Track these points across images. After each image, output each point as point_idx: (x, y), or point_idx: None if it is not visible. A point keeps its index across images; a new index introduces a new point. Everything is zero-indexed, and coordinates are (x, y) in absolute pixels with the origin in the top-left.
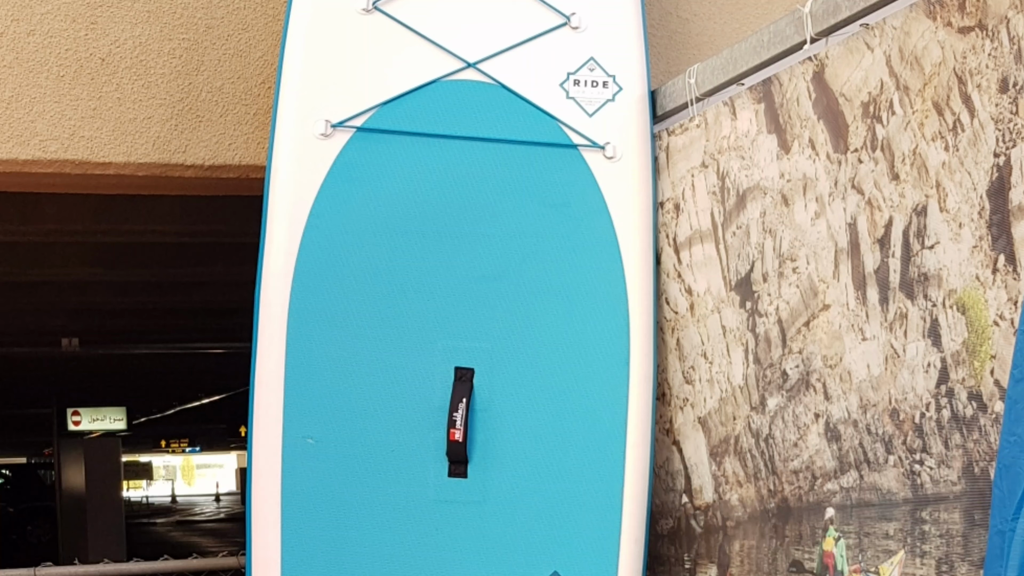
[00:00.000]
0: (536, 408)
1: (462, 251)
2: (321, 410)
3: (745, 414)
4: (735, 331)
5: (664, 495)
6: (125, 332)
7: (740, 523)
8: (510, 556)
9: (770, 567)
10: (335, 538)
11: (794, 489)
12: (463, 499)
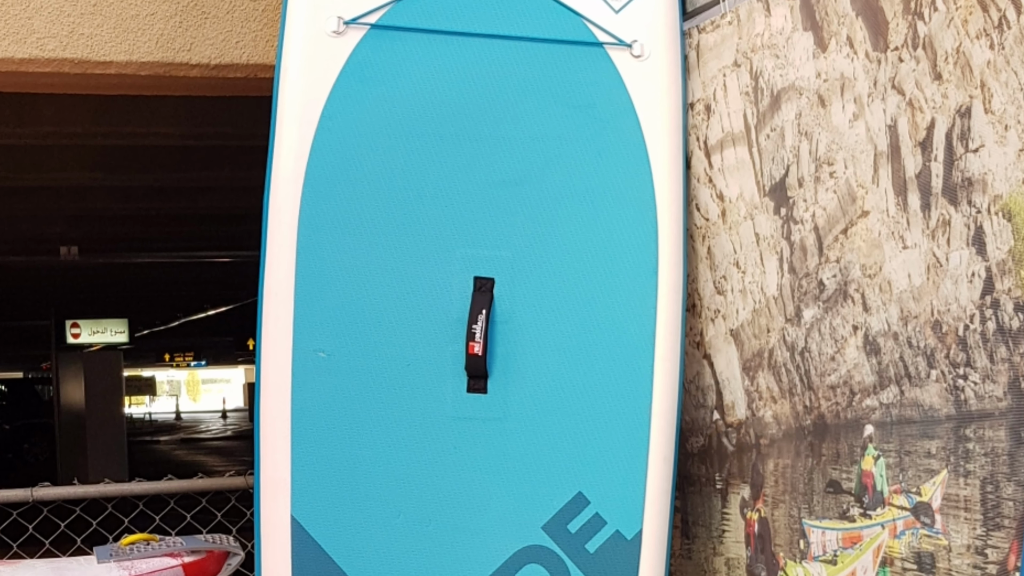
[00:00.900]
0: (559, 320)
1: (481, 155)
2: (333, 322)
3: (779, 326)
4: (769, 239)
5: (694, 411)
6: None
7: (774, 441)
8: (531, 476)
9: (806, 487)
10: (348, 457)
11: (831, 405)
12: (482, 416)
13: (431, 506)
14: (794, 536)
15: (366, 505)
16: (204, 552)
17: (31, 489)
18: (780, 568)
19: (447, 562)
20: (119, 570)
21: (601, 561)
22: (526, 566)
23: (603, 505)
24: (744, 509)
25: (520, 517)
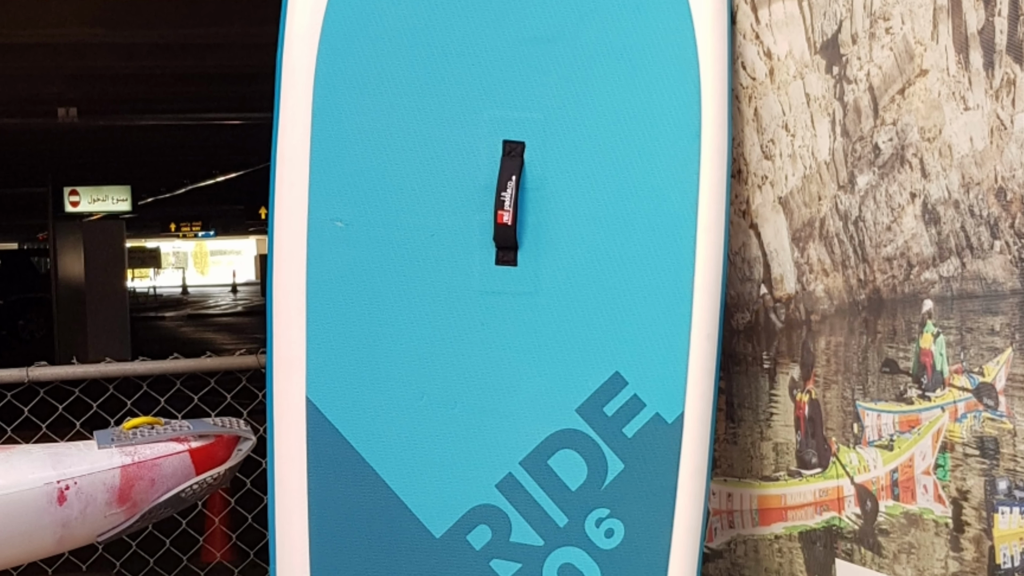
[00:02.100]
0: (595, 187)
1: (512, 9)
2: (351, 189)
3: (832, 193)
4: (820, 99)
5: (740, 285)
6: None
7: (826, 317)
8: (565, 354)
9: (860, 367)
10: (367, 335)
11: (887, 279)
12: (512, 289)
13: (456, 387)
14: (847, 419)
15: (387, 386)
16: (212, 437)
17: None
18: (832, 454)
19: (474, 447)
20: (121, 456)
21: (639, 446)
22: (559, 452)
23: (642, 386)
24: (794, 390)
25: (552, 399)
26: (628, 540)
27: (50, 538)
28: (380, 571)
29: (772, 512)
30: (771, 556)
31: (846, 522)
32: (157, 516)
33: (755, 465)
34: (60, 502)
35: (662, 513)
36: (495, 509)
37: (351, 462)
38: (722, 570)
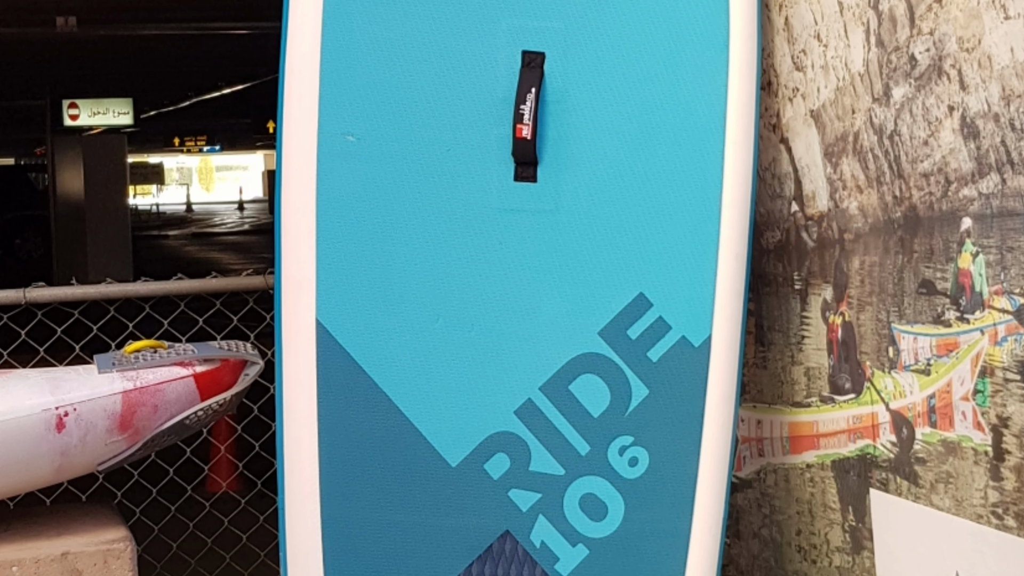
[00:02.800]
0: (618, 99)
1: None
2: (364, 102)
3: (866, 106)
4: (854, 8)
5: (770, 202)
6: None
7: (860, 236)
8: (587, 275)
9: (895, 287)
10: (380, 254)
11: (924, 195)
12: (532, 207)
13: (473, 309)
14: (882, 343)
15: (400, 308)
16: (218, 361)
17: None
18: (866, 379)
19: (491, 372)
20: (122, 381)
21: (665, 371)
22: (580, 376)
23: (667, 308)
24: (826, 312)
25: (574, 322)
26: (653, 469)
27: (48, 467)
28: (393, 501)
29: (803, 440)
30: (802, 486)
31: (881, 450)
32: (160, 444)
33: (786, 391)
34: (58, 429)
35: (688, 441)
36: (513, 437)
37: (363, 387)
38: (751, 500)
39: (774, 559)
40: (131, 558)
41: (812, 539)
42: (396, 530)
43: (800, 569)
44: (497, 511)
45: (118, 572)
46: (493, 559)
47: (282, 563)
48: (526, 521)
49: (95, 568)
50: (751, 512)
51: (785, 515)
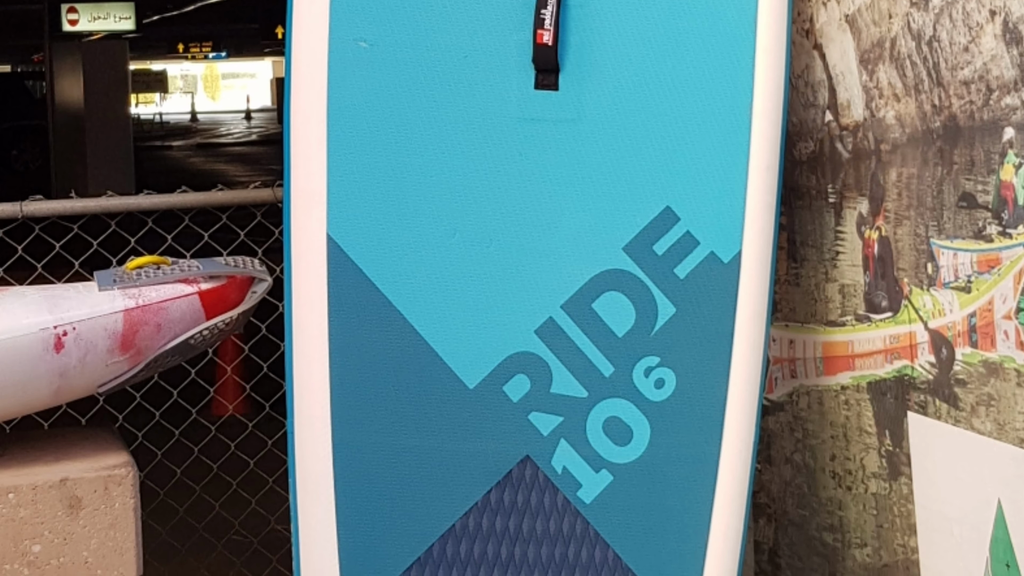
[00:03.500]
0: (643, 3)
1: None
2: (376, 5)
3: (903, 11)
4: None
5: (803, 112)
6: None
7: (897, 147)
8: (611, 187)
9: (934, 201)
10: (393, 166)
11: (964, 104)
12: (553, 116)
13: (492, 224)
14: (920, 259)
15: (415, 222)
16: (224, 278)
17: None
18: (904, 296)
19: (510, 289)
20: (123, 298)
21: (692, 288)
22: (604, 294)
23: (695, 222)
24: (862, 227)
25: (597, 236)
26: (680, 391)
27: (46, 389)
28: (408, 424)
29: (838, 360)
30: (837, 408)
31: (919, 371)
32: (163, 365)
33: (819, 309)
34: (57, 349)
35: (717, 362)
36: (534, 357)
37: (376, 306)
38: (783, 424)
39: (807, 485)
40: (133, 484)
41: (847, 464)
42: (410, 455)
43: (834, 496)
44: (516, 435)
45: (119, 499)
46: (512, 486)
47: (291, 489)
48: (547, 446)
49: (95, 495)
50: (783, 436)
51: (818, 439)
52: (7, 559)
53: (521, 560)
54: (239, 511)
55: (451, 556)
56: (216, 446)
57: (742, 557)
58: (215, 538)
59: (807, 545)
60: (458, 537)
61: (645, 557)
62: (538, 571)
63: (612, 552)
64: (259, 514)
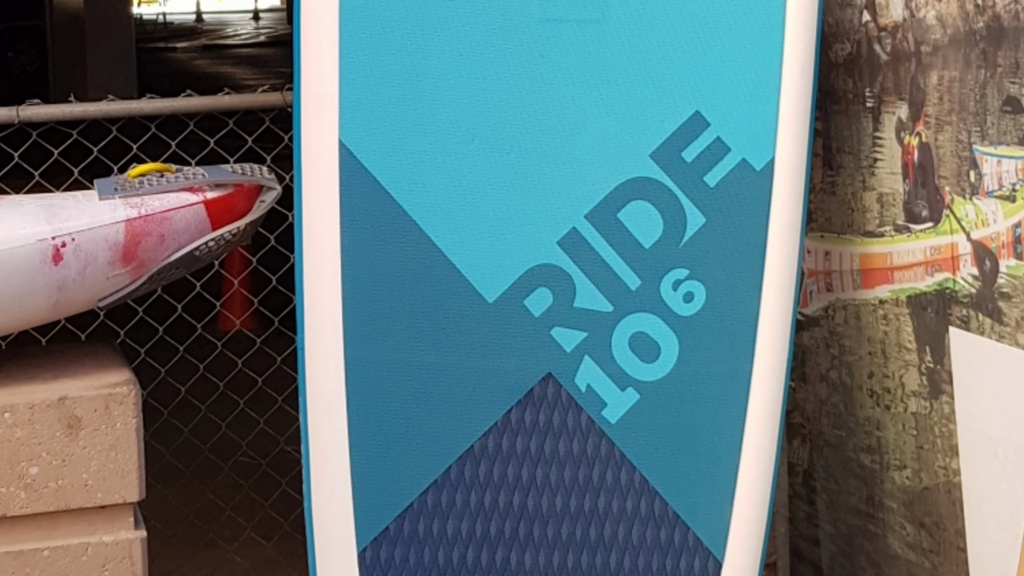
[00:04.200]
0: None
1: None
2: None
3: None
4: None
5: (839, 11)
6: None
7: (938, 48)
8: (638, 91)
9: (977, 105)
10: (410, 67)
11: (1009, 4)
12: (576, 16)
13: (512, 130)
14: (963, 166)
15: (432, 128)
16: (231, 186)
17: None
18: (945, 206)
19: (531, 198)
20: (125, 208)
21: (723, 196)
22: (630, 203)
23: (726, 127)
24: (901, 132)
25: (623, 143)
26: (710, 305)
27: (44, 303)
28: (424, 340)
29: (876, 273)
30: (875, 323)
31: (961, 284)
32: (167, 277)
33: (856, 219)
34: (55, 261)
35: (749, 274)
36: (557, 270)
37: (391, 216)
38: (818, 339)
39: (843, 404)
40: (135, 403)
41: (885, 382)
42: (427, 372)
43: (872, 415)
44: (538, 352)
45: (120, 419)
46: (534, 404)
47: (301, 408)
48: (570, 363)
49: (95, 414)
50: (818, 353)
51: (856, 356)
52: (3, 482)
53: (543, 482)
54: (247, 431)
55: (469, 478)
56: (222, 363)
57: (775, 480)
58: (221, 460)
59: (843, 467)
60: (477, 458)
61: (673, 479)
62: (561, 494)
63: (638, 474)
64: (268, 434)
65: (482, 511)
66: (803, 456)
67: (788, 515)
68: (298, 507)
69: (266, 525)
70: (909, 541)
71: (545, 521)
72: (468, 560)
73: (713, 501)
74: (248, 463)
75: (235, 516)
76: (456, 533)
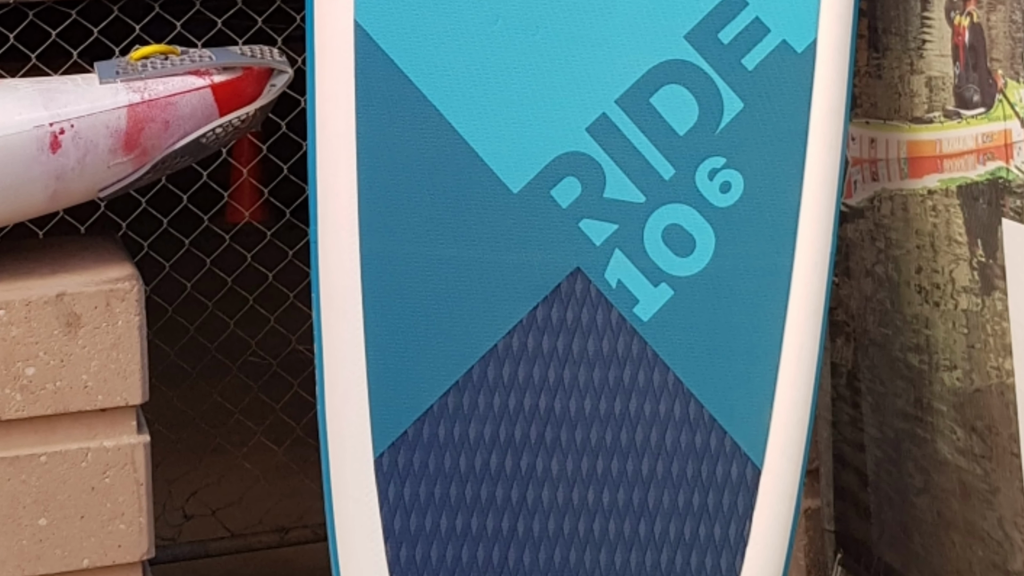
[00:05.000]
0: None
1: None
2: None
3: None
4: None
5: None
6: None
7: None
8: None
9: None
10: None
11: None
12: None
13: (539, 8)
14: (1016, 48)
15: (453, 7)
16: (240, 69)
17: None
18: (998, 90)
19: (559, 83)
20: (127, 92)
21: (762, 80)
22: (663, 87)
23: (765, 7)
24: (951, 12)
25: (656, 23)
26: (748, 195)
27: (41, 193)
28: (445, 232)
29: (925, 161)
30: (923, 215)
31: (1015, 174)
32: (172, 166)
33: (904, 104)
34: (53, 149)
35: (790, 163)
36: (586, 158)
37: (410, 101)
38: (863, 232)
39: (890, 301)
40: (138, 300)
41: (934, 278)
42: (448, 267)
43: (920, 312)
44: (566, 245)
45: (122, 316)
46: (561, 301)
47: (314, 304)
48: (600, 257)
49: (95, 311)
50: (863, 246)
51: (903, 249)
52: None
53: (571, 383)
54: (256, 329)
55: (492, 379)
56: (231, 257)
57: (817, 381)
58: (229, 360)
59: (890, 367)
60: (500, 358)
61: (709, 380)
62: (590, 395)
63: (672, 375)
64: (278, 333)
65: (506, 414)
66: (847, 356)
67: (831, 419)
68: (311, 410)
69: (277, 429)
70: (959, 446)
71: (572, 425)
72: (491, 465)
73: (751, 404)
74: (258, 363)
75: (244, 420)
76: (478, 437)
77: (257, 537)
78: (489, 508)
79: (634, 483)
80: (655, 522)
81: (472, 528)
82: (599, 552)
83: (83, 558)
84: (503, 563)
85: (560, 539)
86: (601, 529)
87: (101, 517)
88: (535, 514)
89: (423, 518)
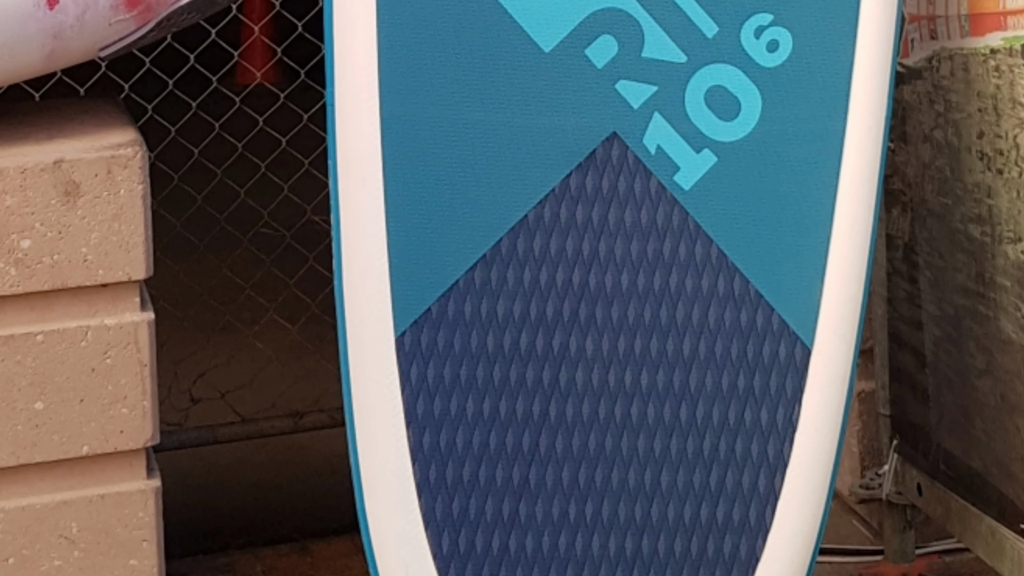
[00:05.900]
0: None
1: None
2: None
3: None
4: None
5: None
6: None
7: None
8: None
9: None
10: None
11: None
12: None
13: None
14: None
15: None
16: None
17: None
18: None
19: None
20: None
21: None
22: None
23: None
24: None
25: None
26: (797, 54)
27: (37, 52)
28: (471, 94)
29: (987, 18)
30: (985, 76)
31: None
32: (178, 24)
33: None
34: (50, 5)
35: (842, 19)
36: (622, 14)
37: None
38: (920, 94)
39: (950, 168)
40: (141, 167)
41: (997, 143)
42: (475, 131)
43: (982, 181)
44: (602, 108)
45: (125, 184)
46: (596, 168)
47: (331, 173)
48: (638, 121)
49: (96, 179)
50: (921, 110)
51: (964, 113)
52: None
53: (606, 257)
54: (268, 199)
55: (523, 252)
56: (241, 121)
57: (871, 254)
58: (240, 231)
59: (949, 239)
60: (531, 230)
61: (754, 253)
62: (627, 269)
63: (715, 247)
64: (292, 203)
65: (537, 290)
66: (903, 227)
67: (886, 295)
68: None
69: (290, 306)
70: None
71: (609, 301)
72: (521, 345)
73: (801, 279)
74: (270, 235)
75: (255, 296)
76: (507, 315)
77: (269, 422)
78: (519, 391)
79: (674, 364)
80: (697, 406)
81: (501, 412)
82: (637, 438)
83: (82, 444)
84: (534, 449)
85: (596, 424)
86: (639, 413)
87: (102, 400)
88: (568, 397)
89: (448, 401)
